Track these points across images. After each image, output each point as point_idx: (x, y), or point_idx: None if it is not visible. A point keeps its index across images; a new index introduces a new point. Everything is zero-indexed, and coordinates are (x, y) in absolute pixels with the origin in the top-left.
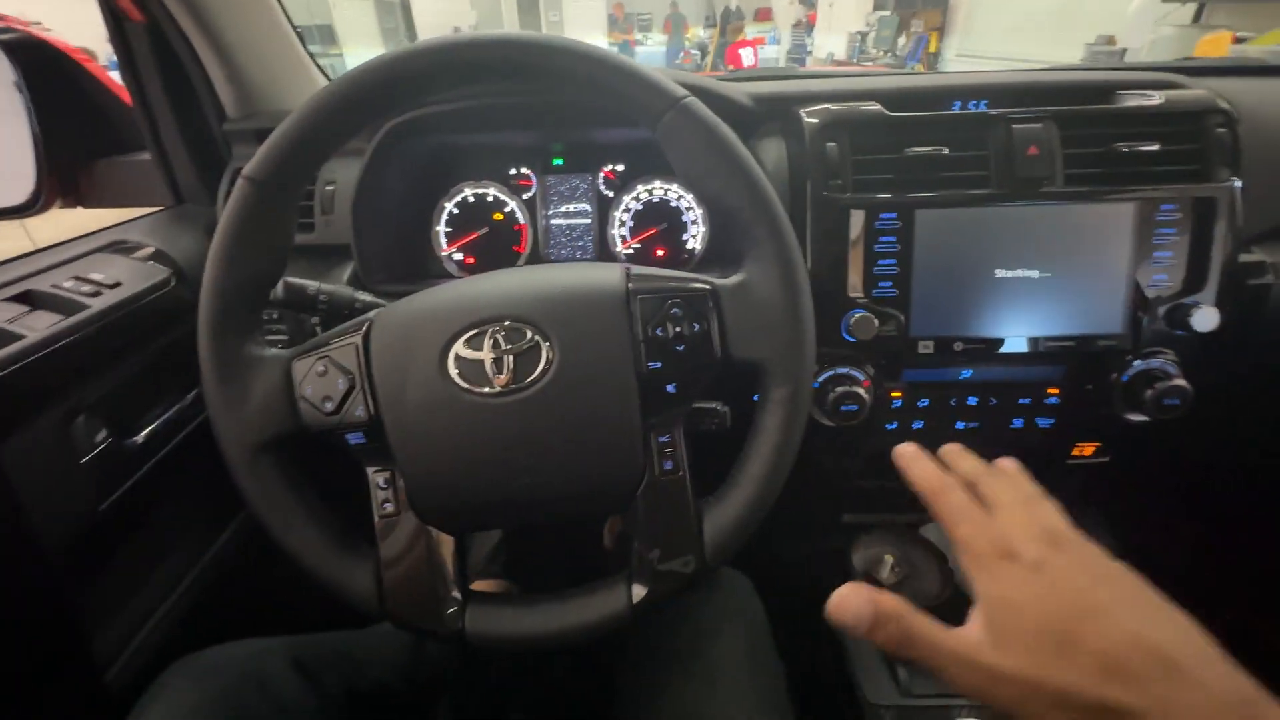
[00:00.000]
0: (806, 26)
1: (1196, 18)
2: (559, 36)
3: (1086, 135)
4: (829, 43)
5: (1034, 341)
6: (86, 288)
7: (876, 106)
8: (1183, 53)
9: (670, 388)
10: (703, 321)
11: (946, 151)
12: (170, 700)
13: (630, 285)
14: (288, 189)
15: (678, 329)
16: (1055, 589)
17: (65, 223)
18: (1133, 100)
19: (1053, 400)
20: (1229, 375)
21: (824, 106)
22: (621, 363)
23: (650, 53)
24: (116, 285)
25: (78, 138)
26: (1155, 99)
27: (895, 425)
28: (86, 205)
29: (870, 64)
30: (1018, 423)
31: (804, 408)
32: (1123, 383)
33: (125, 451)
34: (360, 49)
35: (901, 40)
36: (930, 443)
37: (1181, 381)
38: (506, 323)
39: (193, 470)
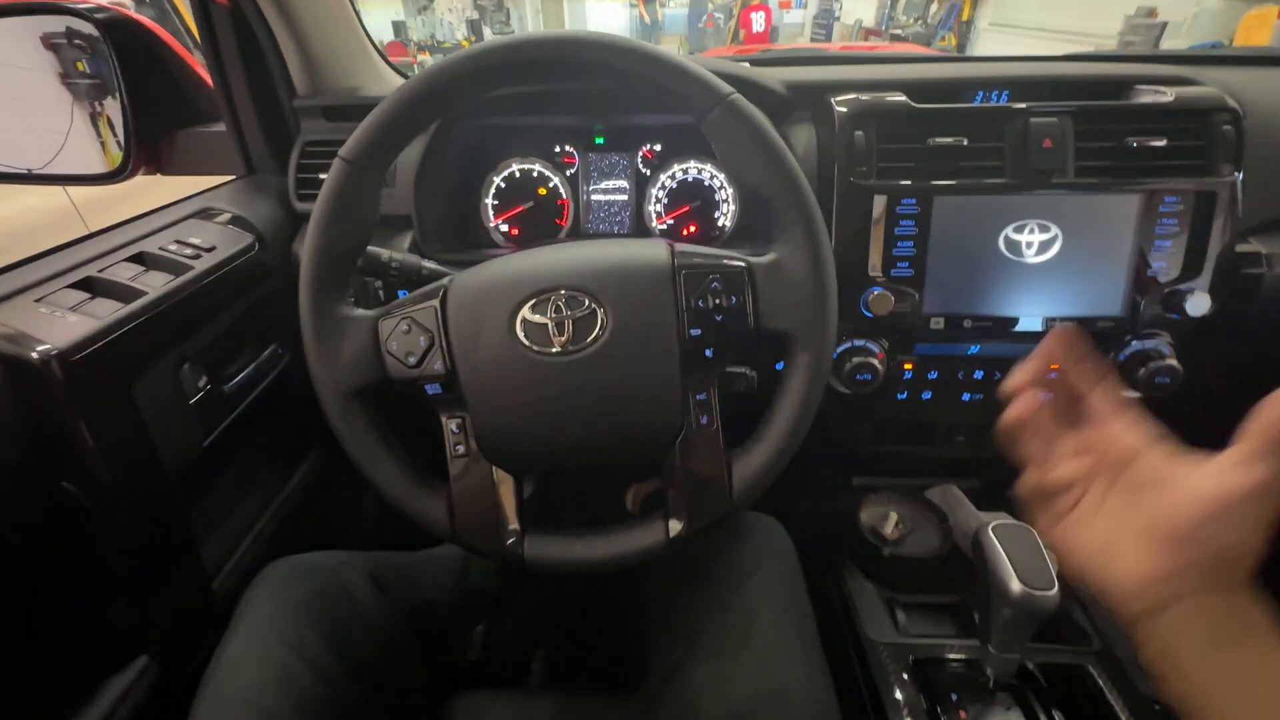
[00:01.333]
0: None
1: None
2: (620, 36)
3: (1099, 130)
4: (857, 9)
5: (1040, 322)
6: (189, 251)
7: (903, 98)
8: (1227, 27)
9: (708, 352)
10: (739, 295)
11: (966, 142)
12: (273, 596)
13: (676, 261)
14: (376, 168)
15: (717, 301)
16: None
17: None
18: (1147, 96)
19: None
20: (1221, 359)
21: (854, 96)
22: (667, 329)
23: (672, 14)
24: (212, 249)
25: (161, 110)
26: (1168, 96)
27: (905, 395)
28: (165, 173)
29: (899, 31)
30: None
31: (824, 373)
32: (1119, 361)
33: (221, 396)
34: (377, 6)
35: (933, 7)
36: (936, 412)
37: (1173, 362)
38: (566, 291)
39: (270, 417)
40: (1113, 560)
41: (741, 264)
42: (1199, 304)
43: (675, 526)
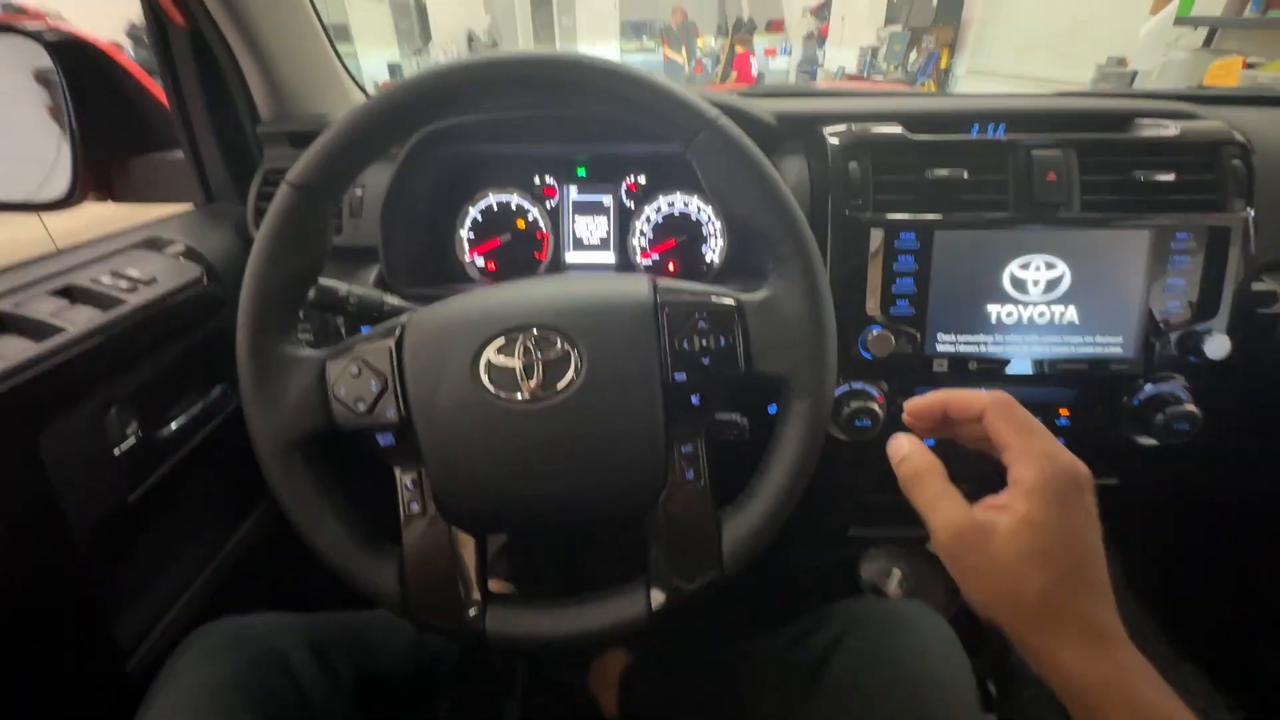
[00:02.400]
0: (818, 39)
1: (1208, 42)
2: (597, 56)
3: (1104, 163)
4: (840, 56)
5: (1047, 364)
6: (124, 283)
7: (898, 128)
8: (1194, 77)
9: (694, 399)
10: (728, 335)
11: (966, 174)
12: (195, 669)
13: (658, 297)
14: (328, 195)
15: (704, 342)
16: (1087, 529)
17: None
18: (1149, 130)
19: (1063, 421)
20: (1239, 402)
21: (846, 127)
22: (648, 373)
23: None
24: (152, 281)
25: (113, 134)
26: (1172, 129)
27: None
28: (118, 200)
29: (880, 78)
30: None
31: (824, 422)
32: (1133, 406)
33: (154, 444)
34: (374, 47)
35: (913, 56)
36: (944, 458)
37: (1192, 407)
38: (537, 331)
39: (215, 463)
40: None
41: (731, 301)
42: (1218, 346)
43: (658, 597)
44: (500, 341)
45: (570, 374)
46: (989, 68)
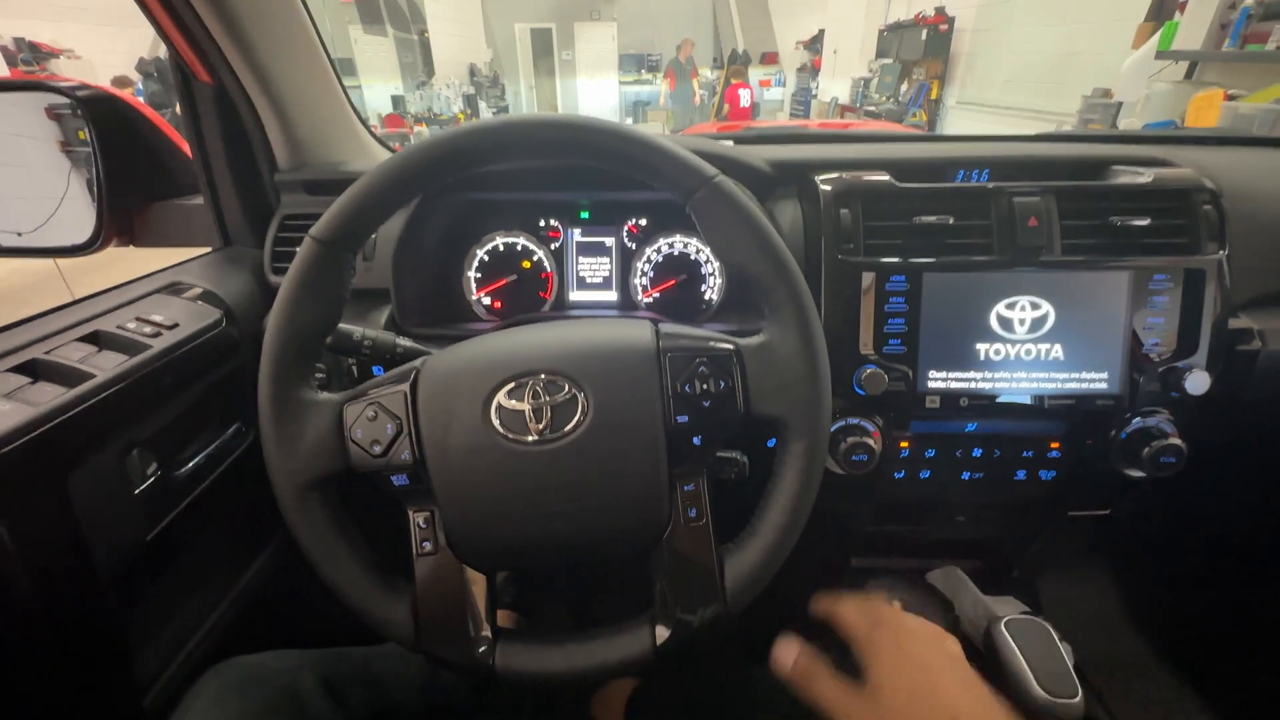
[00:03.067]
0: (812, 71)
1: (1189, 75)
2: (604, 120)
3: (1082, 209)
4: (833, 87)
5: (1036, 399)
6: (148, 329)
7: (886, 177)
8: (1176, 108)
9: (696, 440)
10: (727, 379)
11: (952, 220)
12: (211, 709)
13: (661, 343)
14: (348, 248)
15: (704, 386)
16: (907, 668)
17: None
18: (1125, 177)
19: (1054, 454)
20: (1222, 435)
21: (838, 175)
22: (652, 416)
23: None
24: (174, 326)
25: (136, 182)
26: (1146, 176)
27: (903, 474)
28: (139, 245)
29: (873, 108)
30: (1020, 474)
31: (821, 460)
32: (1121, 440)
33: (172, 483)
34: (379, 79)
35: (904, 87)
36: (937, 491)
37: (1177, 440)
38: (545, 375)
39: (229, 501)
40: None
41: (729, 346)
42: (1198, 383)
43: (663, 633)
44: (510, 386)
45: (577, 417)
46: (977, 99)
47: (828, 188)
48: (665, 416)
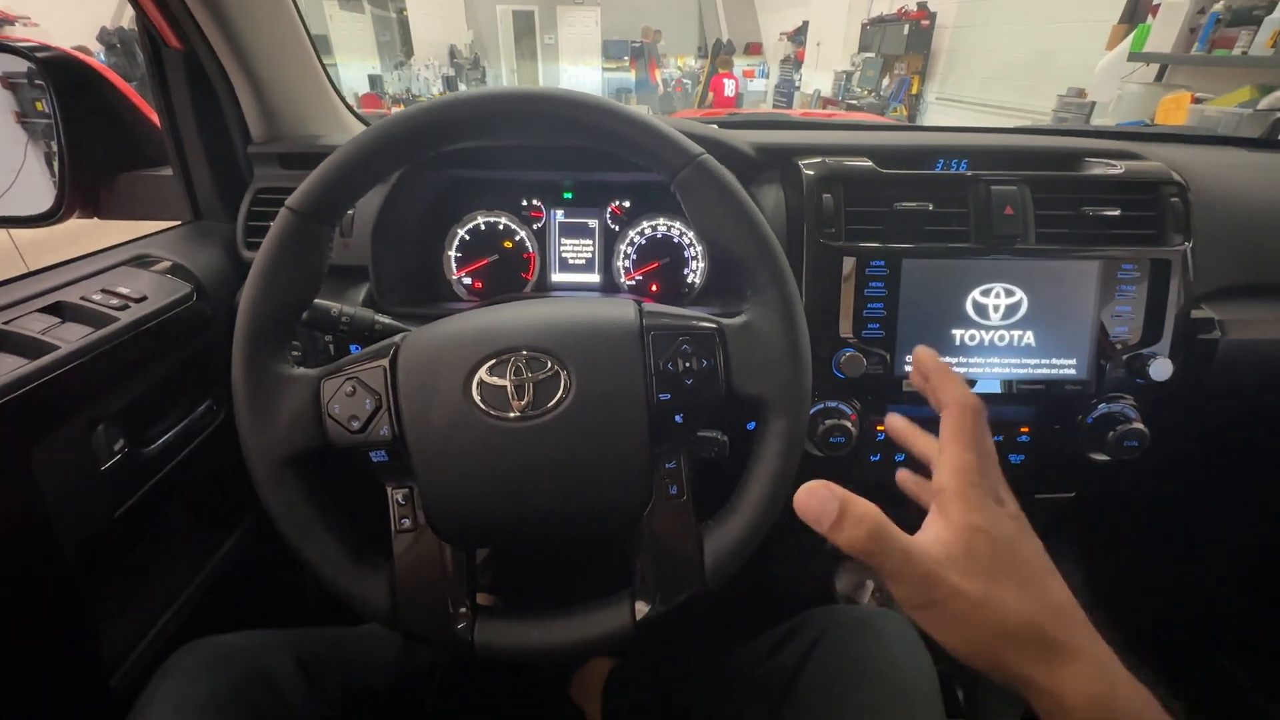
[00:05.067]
0: (795, 63)
1: (1159, 77)
2: (590, 94)
3: (1056, 199)
4: (816, 80)
5: (1007, 384)
6: (115, 301)
7: (869, 163)
8: (1147, 108)
9: (678, 418)
10: (710, 358)
11: (931, 207)
12: (179, 689)
13: (644, 321)
14: (327, 220)
15: (687, 364)
16: (1025, 537)
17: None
18: (1098, 169)
19: (1024, 439)
20: (1183, 420)
21: (821, 160)
22: (634, 393)
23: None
24: (142, 299)
25: (101, 151)
26: (1118, 169)
27: (879, 457)
28: (104, 217)
29: (854, 102)
30: None
31: (800, 439)
32: (1087, 424)
33: (140, 460)
34: (355, 58)
35: (885, 82)
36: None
37: (1140, 425)
38: (528, 352)
39: (200, 479)
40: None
41: (712, 325)
42: (1161, 369)
43: (643, 608)
44: (492, 362)
45: (560, 394)
46: (956, 95)
47: (810, 172)
48: (648, 394)
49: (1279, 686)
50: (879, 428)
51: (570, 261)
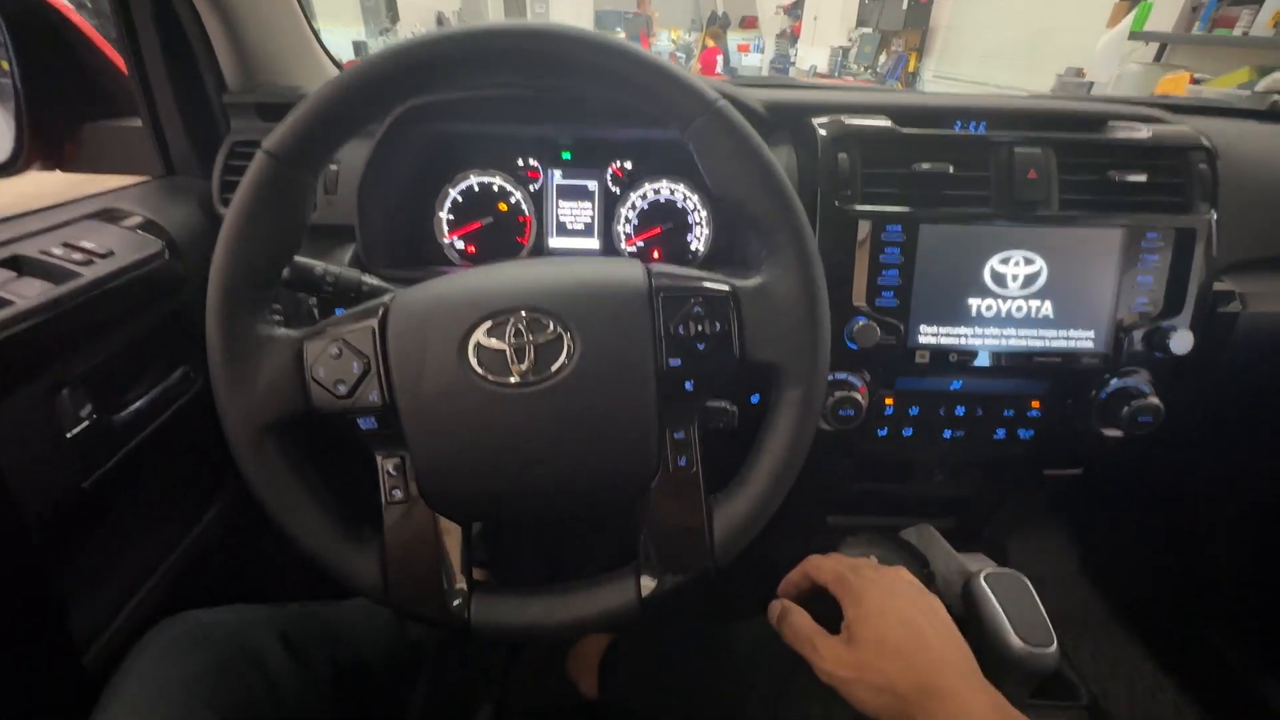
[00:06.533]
0: (791, 37)
1: (1158, 57)
2: (599, 33)
3: (1081, 163)
4: (812, 55)
5: (1023, 356)
6: (78, 255)
7: (887, 122)
8: (1146, 89)
9: (688, 385)
10: (723, 321)
11: (951, 169)
12: (159, 666)
13: (653, 282)
14: (309, 166)
15: (699, 328)
16: (902, 605)
17: None
18: (1123, 132)
19: (1034, 414)
20: (1196, 396)
21: (836, 118)
22: (642, 358)
23: None
24: (109, 254)
25: (64, 98)
26: (1144, 132)
27: (886, 431)
28: (66, 169)
29: (851, 79)
30: (1000, 433)
31: (816, 409)
32: (1101, 399)
33: (110, 428)
34: (338, 25)
35: (882, 58)
36: (920, 449)
37: (1155, 400)
38: (528, 313)
39: (176, 450)
40: None
41: (726, 287)
42: (1182, 342)
43: (648, 584)
44: (490, 323)
45: (563, 358)
46: (953, 74)
47: (825, 131)
48: (657, 360)
49: (1270, 663)
50: (886, 401)
51: (568, 226)
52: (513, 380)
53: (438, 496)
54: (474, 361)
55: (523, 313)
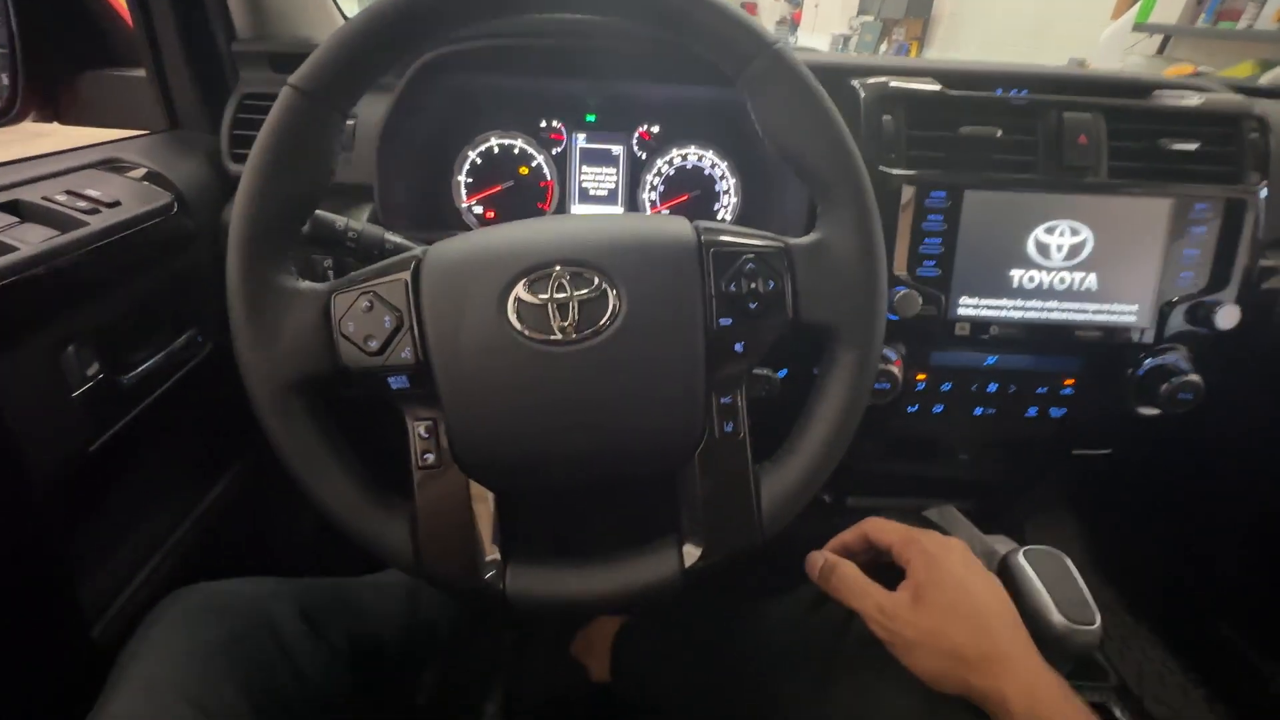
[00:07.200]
0: (791, 25)
1: (1162, 49)
2: None
3: (1131, 130)
4: (812, 42)
5: (1063, 330)
6: (82, 204)
7: (936, 85)
8: None
9: (738, 347)
10: (777, 279)
11: (999, 134)
12: (175, 637)
13: (702, 238)
14: (337, 105)
15: (752, 285)
16: (973, 576)
17: None
18: (1172, 99)
19: (1067, 391)
20: (1235, 373)
21: (881, 80)
22: (691, 317)
23: None
24: (115, 204)
25: (62, 45)
26: (1195, 99)
27: (916, 408)
28: (64, 121)
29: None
30: (1032, 411)
31: (871, 374)
32: (1138, 377)
33: (119, 388)
34: None
35: (883, 47)
36: (949, 427)
37: (1195, 377)
38: (572, 267)
39: (188, 414)
40: None
41: (779, 244)
42: (1228, 317)
43: (691, 554)
44: (532, 277)
45: (608, 314)
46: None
47: (868, 92)
48: (706, 319)
49: (1273, 650)
50: (919, 376)
51: (591, 192)
52: (555, 337)
53: (472, 461)
54: (514, 317)
55: (566, 267)
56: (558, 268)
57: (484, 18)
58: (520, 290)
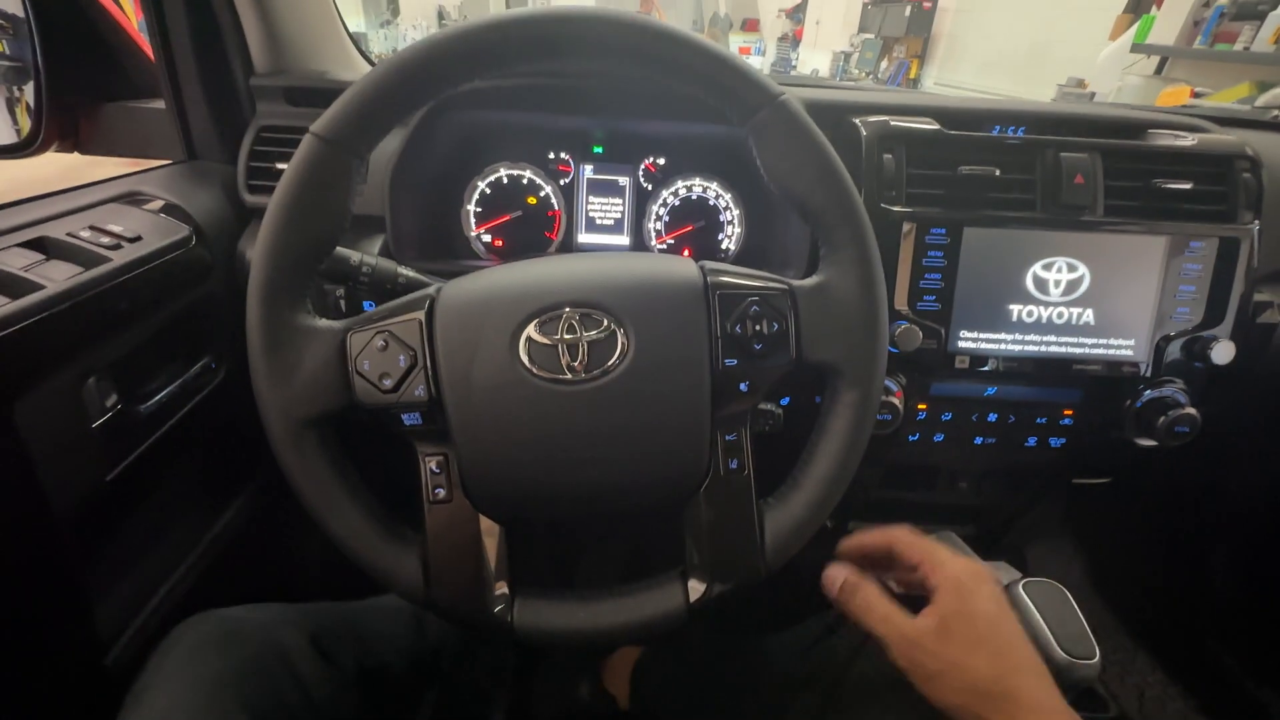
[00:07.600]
0: (793, 41)
1: (1159, 70)
2: (660, 21)
3: (1126, 169)
4: (814, 59)
5: (1061, 364)
6: (105, 239)
7: (934, 124)
8: (1146, 101)
9: (743, 386)
10: (780, 321)
11: (998, 173)
12: (187, 665)
13: (708, 279)
14: (356, 152)
15: (756, 327)
16: (1002, 612)
17: None
18: (1165, 140)
19: (1066, 421)
20: (1232, 406)
21: (882, 119)
22: (697, 358)
23: None
24: (137, 239)
25: (84, 78)
26: (1189, 139)
27: (917, 437)
28: (85, 152)
29: (852, 84)
30: (1032, 441)
31: (873, 412)
32: (1136, 409)
33: (135, 418)
34: None
35: (884, 64)
36: (949, 455)
37: (1192, 410)
38: (581, 308)
39: (200, 442)
40: None
41: (783, 286)
42: (1224, 352)
43: (696, 589)
44: (543, 318)
45: (616, 355)
46: (954, 81)
47: (869, 131)
48: (712, 359)
49: (1270, 675)
50: (920, 406)
51: (598, 222)
52: (565, 376)
53: (482, 496)
54: (525, 357)
55: (576, 309)
56: (568, 309)
57: (499, 71)
58: (531, 330)
